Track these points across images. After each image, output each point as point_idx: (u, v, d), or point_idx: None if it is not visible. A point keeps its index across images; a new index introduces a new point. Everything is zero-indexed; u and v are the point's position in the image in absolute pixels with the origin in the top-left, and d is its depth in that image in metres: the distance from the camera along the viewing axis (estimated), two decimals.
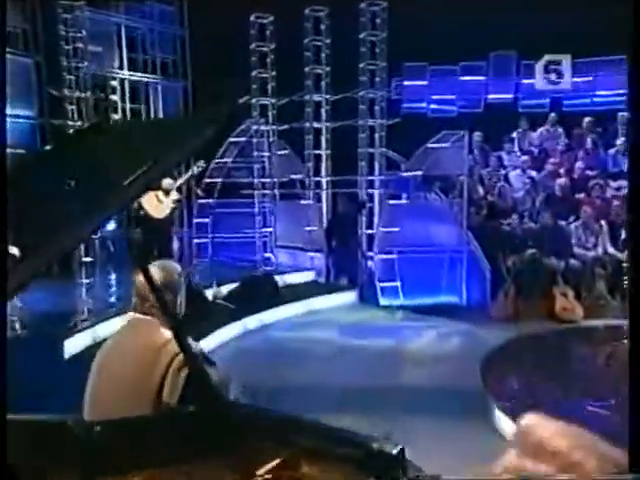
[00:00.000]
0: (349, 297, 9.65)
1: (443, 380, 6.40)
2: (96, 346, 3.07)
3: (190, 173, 8.48)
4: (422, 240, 9.24)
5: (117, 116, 10.93)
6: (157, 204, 8.14)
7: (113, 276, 9.50)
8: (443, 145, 9.33)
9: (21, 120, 10.01)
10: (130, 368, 2.56)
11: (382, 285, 9.44)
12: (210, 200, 11.05)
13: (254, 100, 10.92)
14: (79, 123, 10.07)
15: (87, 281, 8.83)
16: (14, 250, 1.50)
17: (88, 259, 9.08)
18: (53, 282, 6.78)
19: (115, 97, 10.90)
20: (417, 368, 7.01)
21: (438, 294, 9.27)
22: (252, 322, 8.27)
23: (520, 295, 8.59)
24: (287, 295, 9.25)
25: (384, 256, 9.48)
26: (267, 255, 10.97)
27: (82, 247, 8.43)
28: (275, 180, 11.06)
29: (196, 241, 11.02)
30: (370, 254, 9.85)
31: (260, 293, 8.93)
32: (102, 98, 10.62)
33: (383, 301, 9.41)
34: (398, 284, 9.36)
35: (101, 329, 6.99)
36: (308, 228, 10.48)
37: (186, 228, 11.02)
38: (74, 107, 10.11)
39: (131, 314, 2.78)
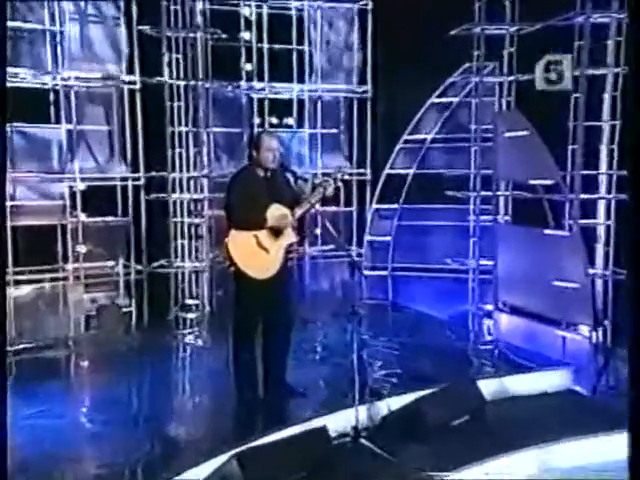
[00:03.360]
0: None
1: None
2: None
3: (321, 193, 4.68)
4: None
5: (250, 66, 7.33)
6: (258, 254, 4.69)
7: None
8: None
9: (98, 83, 6.83)
10: None
11: None
12: (393, 205, 7.47)
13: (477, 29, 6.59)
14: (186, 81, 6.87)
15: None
16: None
17: None
18: None
19: (247, 35, 7.33)
20: None
21: None
22: None
23: None
24: (503, 425, 4.86)
25: None
26: (487, 308, 6.69)
27: None
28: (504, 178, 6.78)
29: (368, 273, 7.43)
30: None
31: (450, 422, 4.73)
32: (224, 38, 7.12)
33: None
34: None
35: None
36: (560, 282, 5.90)
37: (354, 247, 7.52)
38: (180, 55, 6.90)
39: None
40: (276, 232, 4.70)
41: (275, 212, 4.68)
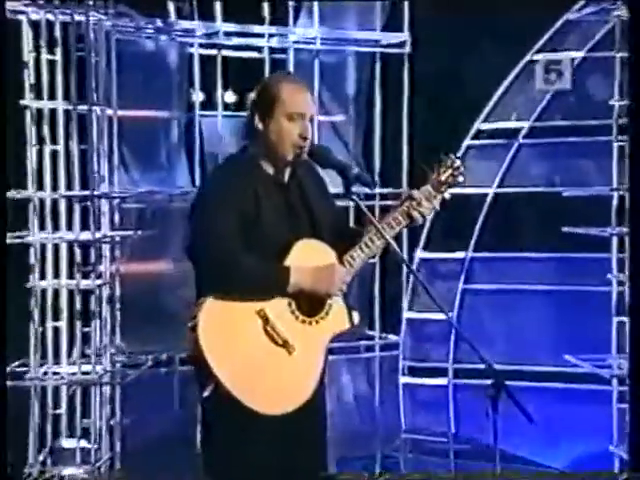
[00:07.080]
0: None
1: None
2: None
3: (415, 216, 2.74)
4: None
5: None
6: (271, 356, 2.66)
7: None
8: None
9: None
10: None
11: None
12: (455, 254, 5.30)
13: None
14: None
15: None
16: None
17: None
18: None
19: None
20: None
21: None
22: None
23: None
24: None
25: None
26: None
27: None
28: None
29: (407, 380, 5.19)
30: None
31: None
32: None
33: None
34: None
35: None
36: None
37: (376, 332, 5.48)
38: None
39: None
40: (309, 305, 2.85)
41: (308, 256, 2.89)
